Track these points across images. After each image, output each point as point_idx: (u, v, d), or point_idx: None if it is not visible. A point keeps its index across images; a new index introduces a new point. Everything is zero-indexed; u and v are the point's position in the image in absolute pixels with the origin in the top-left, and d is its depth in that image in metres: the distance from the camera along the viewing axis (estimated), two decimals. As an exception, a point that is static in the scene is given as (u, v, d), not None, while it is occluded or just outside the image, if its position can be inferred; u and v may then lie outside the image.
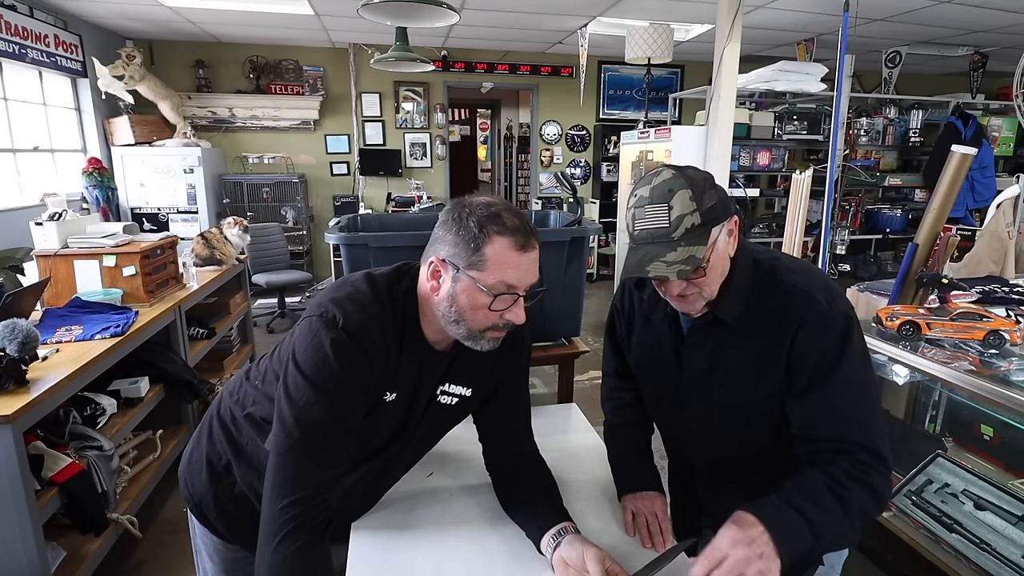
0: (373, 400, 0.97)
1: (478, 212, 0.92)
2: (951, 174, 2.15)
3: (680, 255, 0.92)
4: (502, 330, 0.97)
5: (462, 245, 0.91)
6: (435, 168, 6.75)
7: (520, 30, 5.45)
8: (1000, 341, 1.77)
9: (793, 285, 1.00)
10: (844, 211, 4.81)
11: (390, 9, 2.98)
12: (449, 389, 1.08)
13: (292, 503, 0.88)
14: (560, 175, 6.17)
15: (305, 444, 0.89)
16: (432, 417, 1.09)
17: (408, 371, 1.00)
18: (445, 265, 0.94)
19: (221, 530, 1.16)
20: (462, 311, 0.93)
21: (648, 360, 1.18)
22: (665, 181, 0.94)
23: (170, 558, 2.24)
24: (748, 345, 1.02)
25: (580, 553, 0.95)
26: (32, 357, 1.82)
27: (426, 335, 1.01)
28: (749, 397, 1.03)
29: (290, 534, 0.87)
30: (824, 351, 0.95)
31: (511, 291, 0.93)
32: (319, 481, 0.90)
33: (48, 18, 4.45)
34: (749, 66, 4.34)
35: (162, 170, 5.34)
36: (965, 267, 2.37)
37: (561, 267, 1.81)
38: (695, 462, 1.20)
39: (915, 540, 1.81)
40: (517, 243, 0.91)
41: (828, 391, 0.95)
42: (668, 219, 0.93)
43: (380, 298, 0.96)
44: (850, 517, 0.88)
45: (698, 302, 1.00)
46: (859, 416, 0.95)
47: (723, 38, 3.69)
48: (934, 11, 4.47)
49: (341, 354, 0.89)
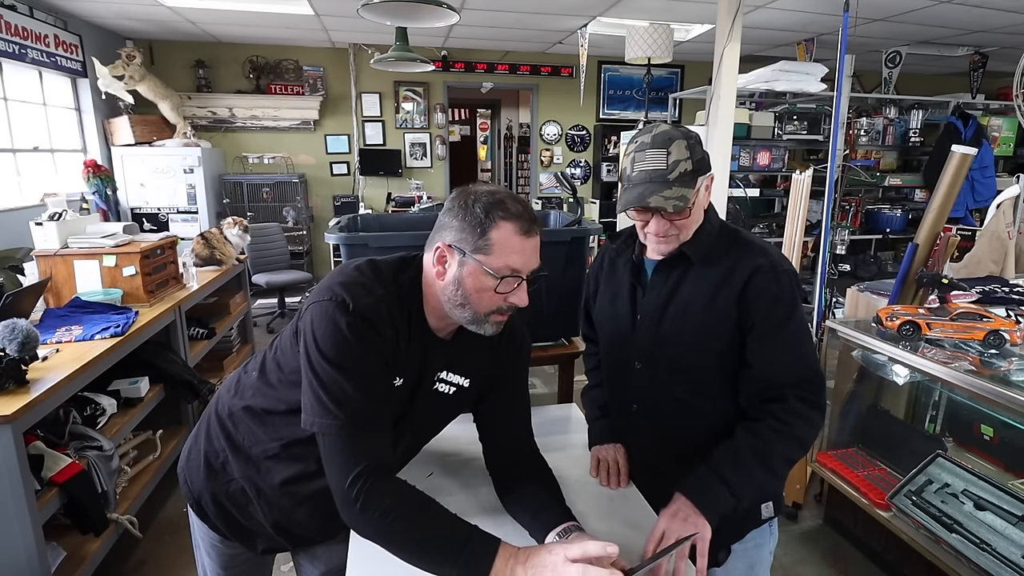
0: (389, 381, 0.99)
1: (483, 199, 0.95)
2: (951, 174, 2.15)
3: (674, 193, 1.06)
4: (505, 313, 1.00)
5: (468, 230, 0.94)
6: (435, 168, 6.75)
7: (520, 30, 5.45)
8: (1000, 341, 1.77)
9: (750, 241, 1.17)
10: (844, 211, 4.80)
11: (390, 9, 2.98)
12: (448, 377, 1.09)
13: (356, 476, 0.90)
14: (560, 175, 6.16)
15: (351, 422, 0.91)
16: (430, 405, 1.09)
17: (413, 357, 1.02)
18: (451, 250, 0.96)
19: (220, 527, 1.17)
20: (468, 294, 0.96)
21: (608, 305, 1.30)
22: (665, 131, 1.08)
23: (170, 558, 2.24)
24: (705, 283, 1.14)
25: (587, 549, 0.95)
26: (32, 357, 1.82)
27: (430, 322, 1.03)
28: (700, 328, 1.14)
29: (366, 504, 0.90)
30: (776, 298, 1.09)
31: (515, 274, 0.96)
32: (374, 448, 0.94)
33: (48, 18, 4.45)
34: (749, 66, 4.33)
35: (162, 170, 5.34)
36: (965, 267, 2.37)
37: (561, 267, 1.81)
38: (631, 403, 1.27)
39: (915, 540, 1.81)
40: (521, 228, 0.95)
41: (784, 336, 1.10)
42: (666, 162, 1.06)
43: (386, 283, 0.99)
44: (772, 469, 1.08)
45: (673, 243, 1.14)
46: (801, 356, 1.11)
47: (723, 38, 3.69)
48: (934, 11, 4.47)
49: (358, 335, 0.92)
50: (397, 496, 0.92)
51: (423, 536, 0.91)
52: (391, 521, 0.90)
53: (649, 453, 1.26)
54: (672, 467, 1.18)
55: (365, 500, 0.90)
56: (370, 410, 0.93)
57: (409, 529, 0.91)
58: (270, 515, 1.11)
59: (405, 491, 0.94)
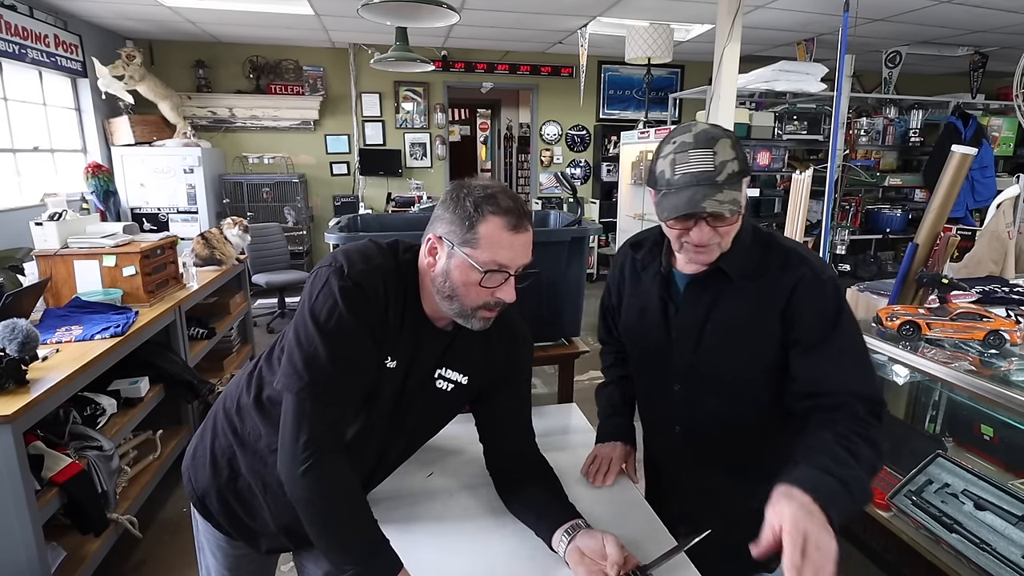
0: (378, 357, 1.00)
1: (475, 192, 0.96)
2: (951, 174, 2.15)
3: (727, 196, 0.96)
4: (493, 309, 1.00)
5: (458, 223, 0.95)
6: (435, 168, 6.75)
7: (520, 30, 5.45)
8: (1000, 341, 1.76)
9: (789, 248, 1.08)
10: (844, 211, 4.80)
11: (390, 9, 2.98)
12: (446, 374, 1.09)
13: (308, 440, 0.93)
14: (560, 175, 6.17)
15: (313, 387, 0.93)
16: (428, 401, 1.09)
17: (408, 338, 1.03)
18: (441, 242, 0.98)
19: (225, 525, 1.17)
20: (455, 287, 0.97)
21: (636, 319, 1.22)
22: (706, 130, 0.99)
23: (170, 558, 2.24)
24: (745, 297, 1.06)
25: (599, 541, 0.97)
26: (32, 357, 1.82)
27: (424, 308, 1.04)
28: (742, 347, 1.07)
29: (311, 467, 0.92)
30: (822, 309, 1.01)
31: (502, 269, 0.96)
32: (331, 421, 0.95)
33: (48, 18, 4.45)
34: (749, 66, 4.33)
35: (162, 170, 5.34)
36: (965, 267, 2.36)
37: (561, 267, 1.81)
38: (673, 426, 1.20)
39: (915, 540, 1.81)
40: (510, 223, 0.95)
41: (831, 347, 1.00)
42: (713, 163, 0.96)
43: (386, 256, 1.02)
44: (864, 470, 0.91)
45: (714, 252, 1.04)
46: (860, 369, 1.01)
47: (723, 38, 3.69)
48: (934, 11, 4.47)
49: (348, 299, 0.94)
50: (342, 477, 0.95)
51: (342, 524, 0.95)
52: (325, 497, 0.93)
53: (697, 474, 1.21)
54: (722, 483, 1.15)
55: (312, 466, 0.92)
56: (337, 382, 0.94)
57: (335, 512, 0.94)
58: (276, 511, 1.11)
59: (349, 478, 0.96)
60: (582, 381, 4.05)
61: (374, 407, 1.04)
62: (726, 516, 1.06)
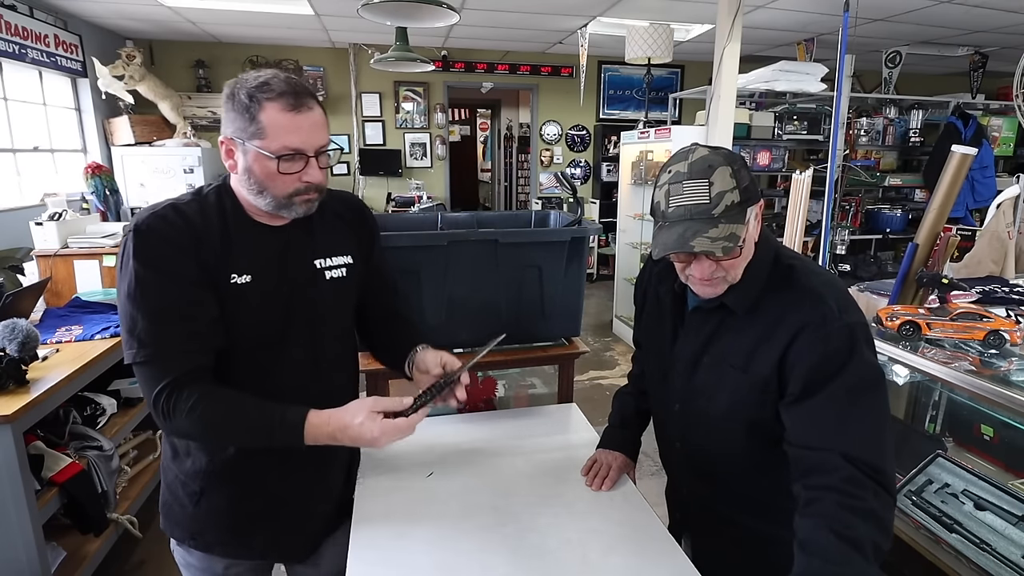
0: (215, 280, 0.99)
1: (248, 84, 0.95)
2: (951, 174, 2.15)
3: (722, 232, 0.89)
4: (308, 193, 1.00)
5: (239, 119, 0.95)
6: (435, 168, 6.75)
7: (520, 30, 5.45)
8: (1000, 341, 1.76)
9: (807, 287, 0.96)
10: (844, 211, 4.81)
11: (390, 9, 2.98)
12: (330, 262, 1.11)
13: (158, 394, 0.94)
14: (560, 175, 6.16)
15: (144, 351, 0.94)
16: (328, 293, 1.11)
17: (245, 251, 1.02)
18: (232, 142, 0.98)
19: (230, 544, 1.17)
20: (260, 180, 0.97)
21: (648, 334, 1.22)
22: (703, 157, 0.91)
23: (170, 558, 2.22)
24: (744, 337, 0.99)
25: (435, 356, 1.11)
26: (32, 357, 1.82)
27: (253, 217, 1.04)
28: (731, 388, 1.01)
29: (169, 412, 0.94)
30: (824, 359, 0.90)
31: (298, 152, 0.95)
32: (177, 362, 0.95)
33: (48, 18, 4.45)
34: (749, 66, 4.33)
35: (162, 170, 5.33)
36: (965, 267, 2.36)
37: (561, 267, 1.80)
38: (674, 441, 1.20)
39: (915, 540, 1.81)
40: (288, 104, 0.94)
41: (824, 400, 0.90)
42: (709, 195, 0.89)
43: (181, 201, 1.02)
44: (866, 557, 0.81)
45: (721, 285, 0.97)
46: (856, 426, 0.89)
47: (723, 38, 3.69)
48: (934, 11, 4.47)
49: (142, 254, 0.94)
50: (200, 394, 0.95)
51: (236, 428, 0.98)
52: (198, 414, 0.94)
53: (697, 489, 1.19)
54: (718, 504, 1.13)
55: (169, 409, 0.94)
56: (165, 335, 0.94)
57: (222, 426, 0.97)
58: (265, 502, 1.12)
59: (208, 388, 0.97)
60: (582, 381, 4.05)
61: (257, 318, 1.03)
62: (725, 536, 1.06)
